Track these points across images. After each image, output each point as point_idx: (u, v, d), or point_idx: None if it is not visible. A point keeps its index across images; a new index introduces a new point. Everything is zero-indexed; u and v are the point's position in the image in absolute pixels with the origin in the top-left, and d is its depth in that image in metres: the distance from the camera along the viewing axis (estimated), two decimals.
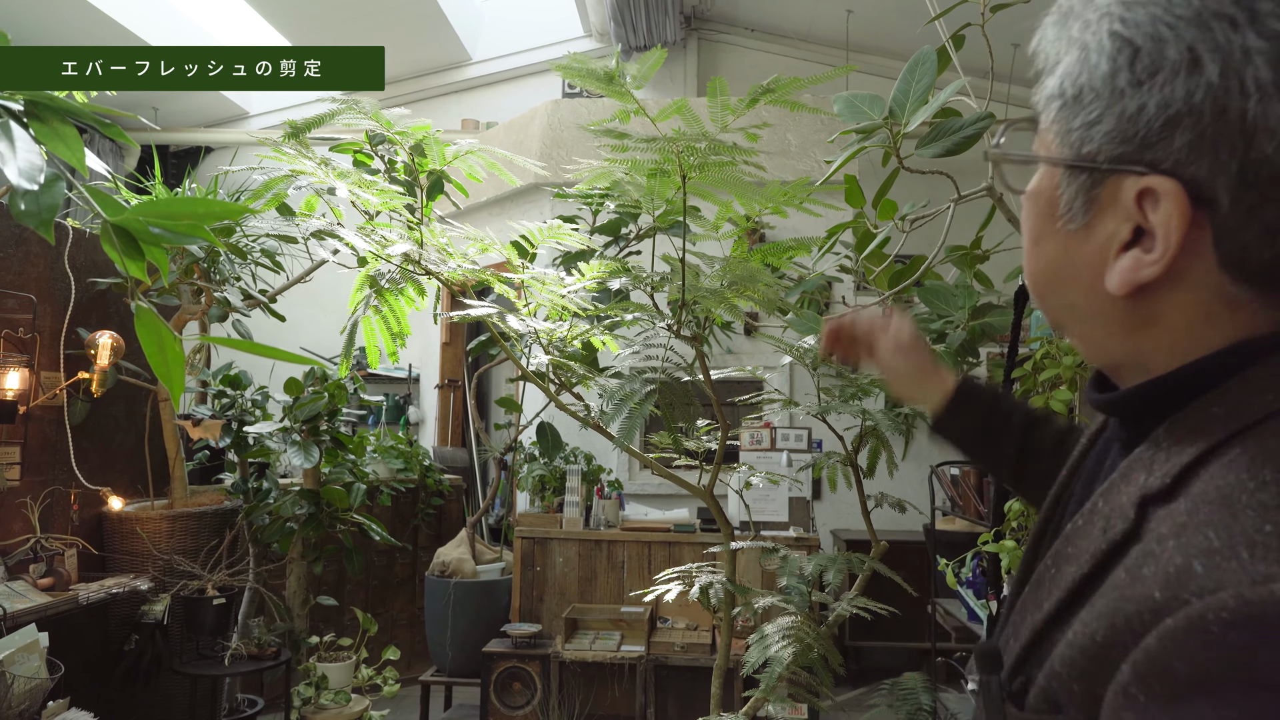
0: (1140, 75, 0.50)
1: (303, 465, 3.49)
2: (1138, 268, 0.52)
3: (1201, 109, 0.48)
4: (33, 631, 2.44)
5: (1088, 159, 0.53)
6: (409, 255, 1.88)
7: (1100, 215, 0.54)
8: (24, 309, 2.97)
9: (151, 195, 3.39)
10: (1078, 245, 0.56)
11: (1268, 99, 0.46)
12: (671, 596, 1.98)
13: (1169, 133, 0.49)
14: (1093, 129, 0.53)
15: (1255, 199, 0.48)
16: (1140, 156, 0.51)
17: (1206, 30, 0.47)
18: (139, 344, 0.87)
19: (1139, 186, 0.51)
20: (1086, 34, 0.53)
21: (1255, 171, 0.47)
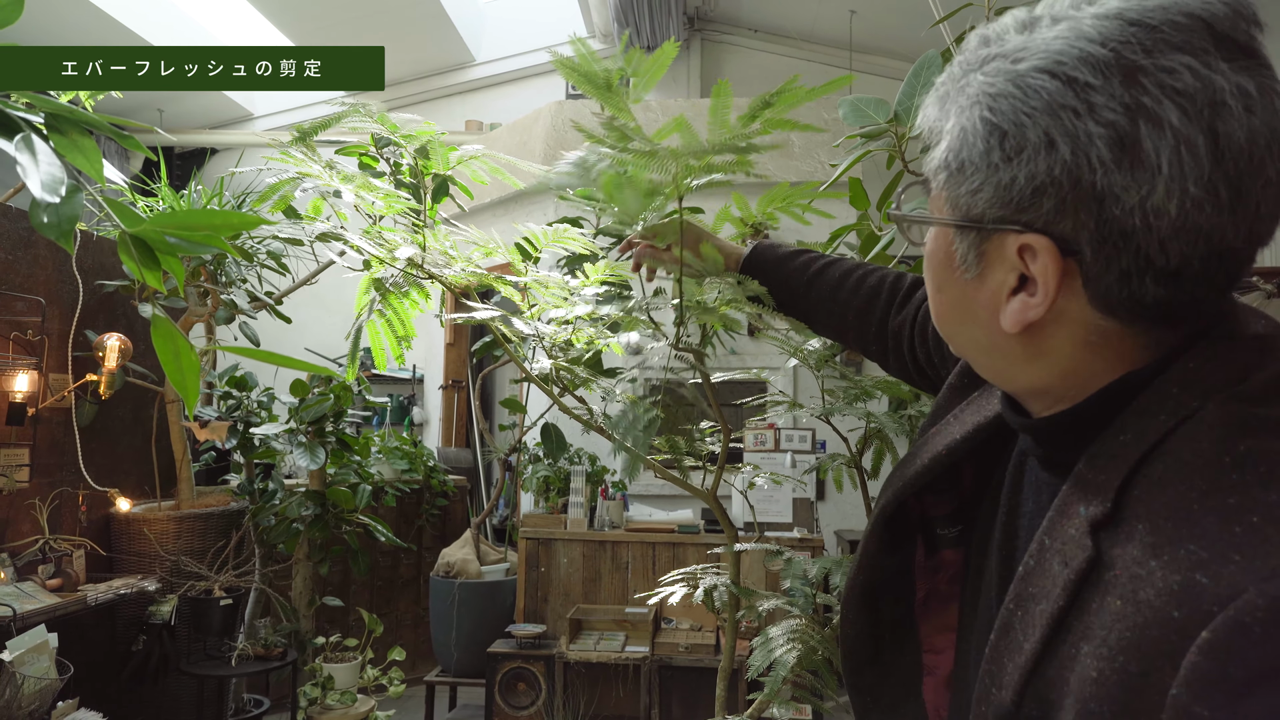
0: (1009, 152, 0.59)
1: (308, 466, 3.51)
2: (1025, 309, 0.62)
3: (1061, 180, 0.57)
4: (42, 632, 2.46)
5: (975, 220, 0.63)
6: (413, 259, 1.89)
7: (990, 266, 0.64)
8: (32, 311, 2.99)
9: (157, 198, 3.41)
10: (974, 291, 0.66)
11: (1110, 172, 0.56)
12: (676, 599, 1.99)
13: (1038, 199, 0.59)
14: (976, 195, 0.62)
15: (1111, 250, 0.58)
16: (1017, 218, 0.60)
17: (1057, 118, 0.57)
18: (146, 346, 0.88)
19: (1019, 242, 0.60)
20: (963, 118, 0.61)
21: (1108, 228, 0.57)
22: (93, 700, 2.69)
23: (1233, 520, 0.49)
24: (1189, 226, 0.56)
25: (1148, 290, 0.58)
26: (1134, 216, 0.56)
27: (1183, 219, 0.56)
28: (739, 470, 2.68)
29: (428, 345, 6.80)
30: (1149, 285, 0.58)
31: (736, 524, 3.85)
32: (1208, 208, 0.55)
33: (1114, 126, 0.55)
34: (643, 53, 1.36)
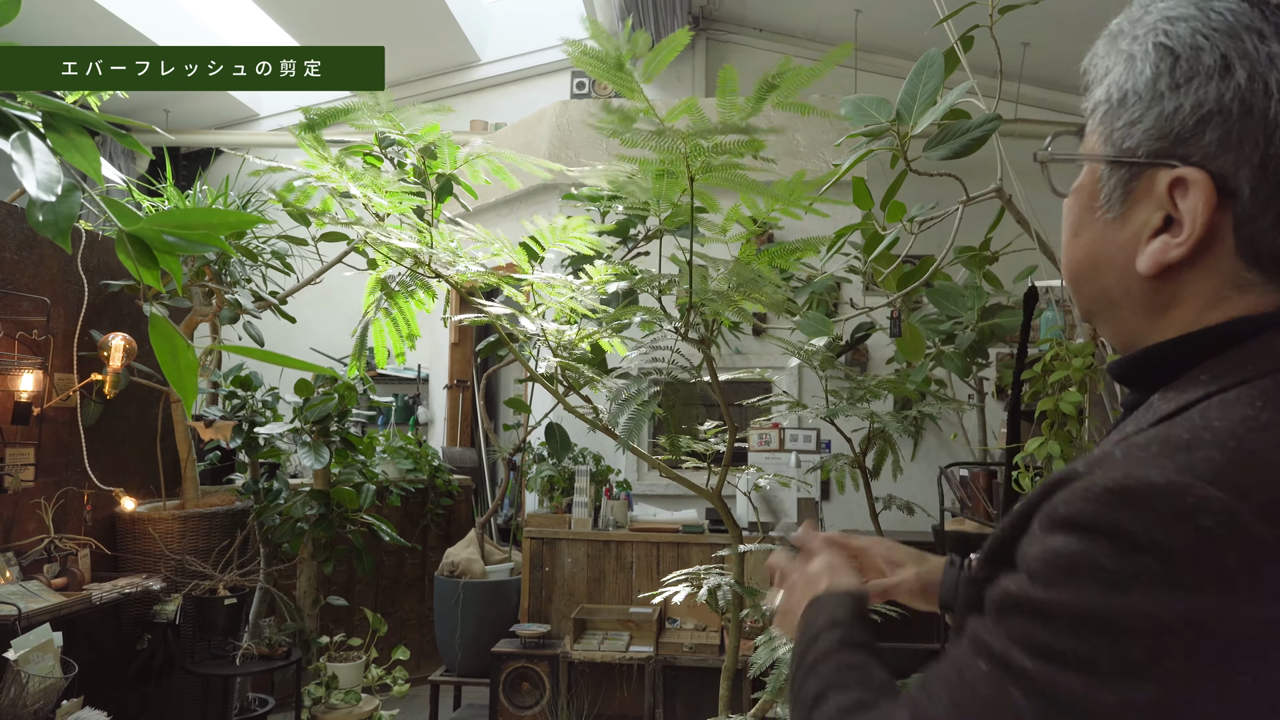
0: (1179, 79, 0.57)
1: (313, 466, 3.51)
2: (1166, 249, 0.59)
3: (1230, 108, 0.55)
4: (47, 631, 2.46)
5: (1128, 154, 0.61)
6: (419, 258, 1.90)
7: (1135, 205, 0.61)
8: (38, 311, 2.99)
9: (163, 198, 3.42)
10: (1114, 233, 0.63)
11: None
12: (680, 599, 1.99)
13: (1201, 129, 0.56)
14: (1134, 127, 0.60)
15: (1272, 190, 0.55)
16: (1174, 151, 0.58)
17: (1238, 40, 0.55)
18: (151, 346, 0.88)
19: (1171, 177, 0.58)
20: (1134, 46, 0.60)
21: (1274, 164, 0.55)
22: (98, 699, 2.70)
23: (1186, 435, 0.51)
24: None
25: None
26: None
27: None
28: (743, 471, 2.68)
29: (433, 345, 6.80)
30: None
31: (741, 524, 3.84)
32: None
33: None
34: (648, 37, 1.36)
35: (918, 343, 2.27)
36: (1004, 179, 2.05)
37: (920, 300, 2.80)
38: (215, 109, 7.55)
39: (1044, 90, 6.30)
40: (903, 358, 2.36)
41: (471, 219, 6.22)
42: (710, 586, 1.93)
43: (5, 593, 2.59)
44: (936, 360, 2.42)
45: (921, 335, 2.29)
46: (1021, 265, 2.73)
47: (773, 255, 1.71)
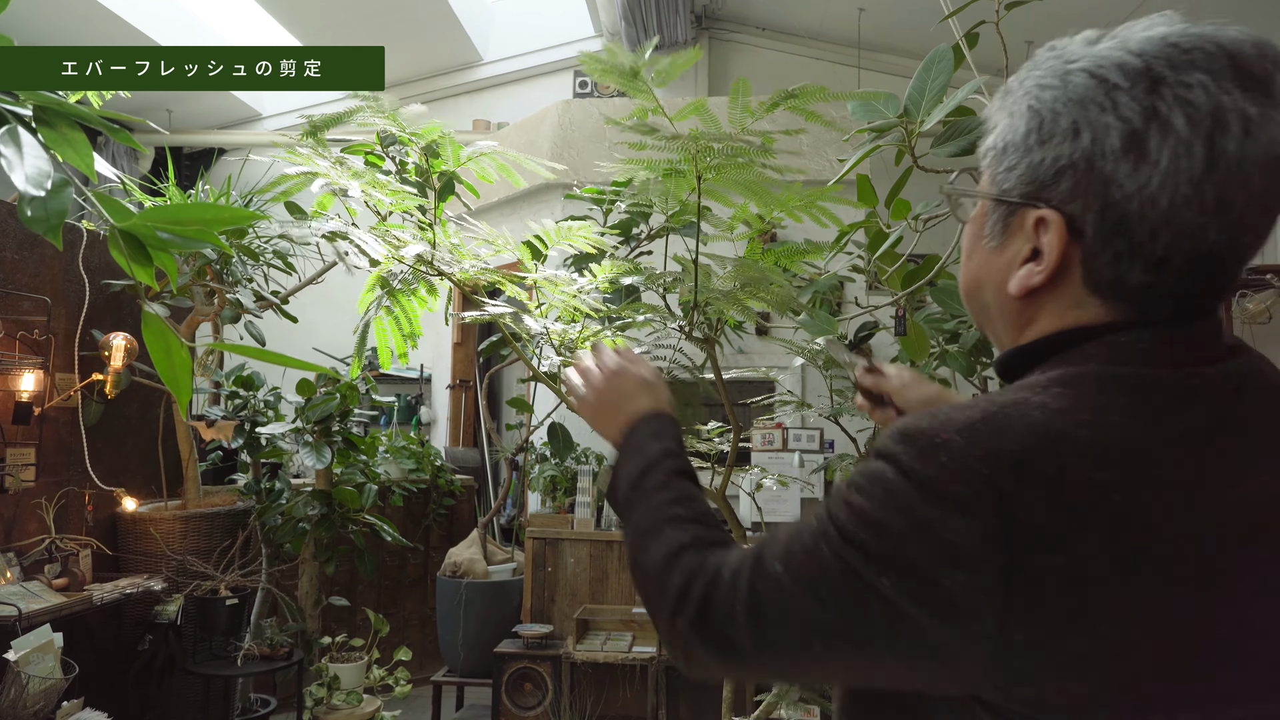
0: (1044, 137, 0.71)
1: (315, 466, 3.50)
2: (1030, 275, 0.73)
3: (1079, 163, 0.68)
4: (47, 632, 2.45)
5: (1006, 194, 0.74)
6: (422, 256, 1.88)
7: (1011, 237, 0.76)
8: (39, 311, 2.99)
9: (165, 197, 3.41)
10: (995, 259, 0.78)
11: (1118, 160, 0.66)
12: None
13: (1058, 179, 0.70)
14: (1011, 172, 0.74)
15: (1108, 233, 0.68)
16: (1039, 195, 0.72)
17: (1086, 110, 0.68)
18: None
19: (1036, 216, 0.72)
20: (1014, 106, 0.74)
21: (1109, 213, 0.68)
22: (99, 700, 2.69)
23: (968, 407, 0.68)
24: (1176, 221, 0.66)
25: (1134, 274, 0.68)
26: (1132, 203, 0.66)
27: (1172, 212, 0.65)
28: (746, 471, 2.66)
29: (435, 345, 6.79)
30: (1136, 270, 0.68)
31: (744, 524, 3.82)
32: (1194, 206, 0.65)
33: (1129, 123, 0.66)
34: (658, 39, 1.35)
35: (922, 342, 2.25)
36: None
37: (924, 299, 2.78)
38: (218, 109, 7.54)
39: None
40: (907, 357, 2.34)
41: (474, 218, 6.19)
42: None
43: (6, 593, 2.58)
44: (941, 359, 2.40)
45: (926, 334, 2.27)
46: None
47: (778, 256, 1.70)
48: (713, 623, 0.74)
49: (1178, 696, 0.63)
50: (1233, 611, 0.63)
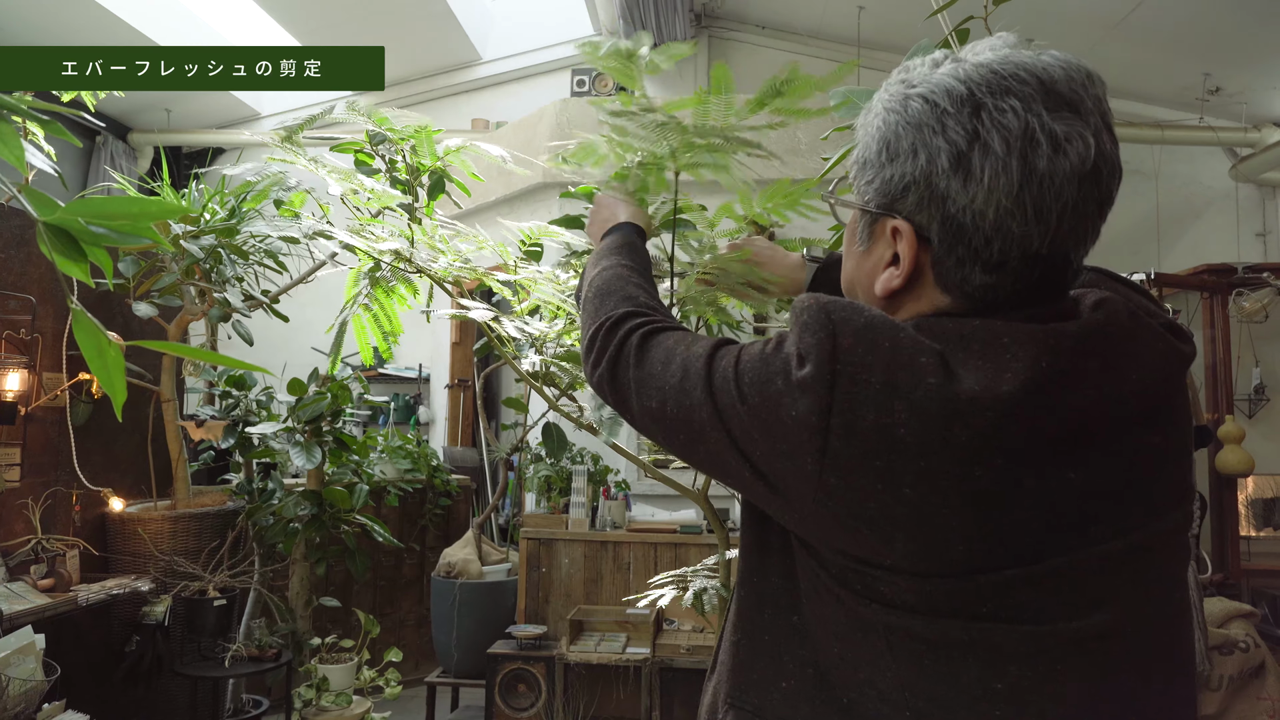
0: (890, 155, 0.78)
1: (305, 466, 3.48)
2: (890, 279, 0.81)
3: (919, 180, 0.76)
4: (29, 633, 2.43)
5: (866, 204, 0.83)
6: (399, 252, 1.86)
7: (875, 243, 0.84)
8: (24, 310, 2.97)
9: (159, 196, 3.39)
10: (863, 262, 0.86)
11: (950, 178, 0.74)
12: (665, 602, 1.95)
13: (905, 194, 0.78)
14: (869, 186, 0.82)
15: (950, 240, 0.76)
16: (892, 206, 0.79)
17: (920, 132, 0.76)
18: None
19: (891, 225, 0.80)
20: (869, 125, 0.82)
21: (949, 224, 0.75)
22: (87, 701, 2.67)
23: None
24: (1003, 230, 0.73)
25: (976, 276, 0.76)
26: (965, 216, 0.74)
27: (998, 223, 0.73)
28: None
29: (434, 344, 6.78)
30: (978, 272, 0.76)
31: (739, 524, 3.79)
32: (1017, 217, 0.73)
33: (955, 145, 0.74)
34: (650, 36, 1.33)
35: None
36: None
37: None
38: (217, 109, 7.54)
39: None
40: None
41: (471, 217, 6.19)
42: (696, 590, 1.89)
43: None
44: None
45: None
46: None
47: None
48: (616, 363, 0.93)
49: (979, 562, 0.71)
50: (1031, 490, 0.71)
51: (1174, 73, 6.03)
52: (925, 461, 0.69)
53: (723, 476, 0.84)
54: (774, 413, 0.74)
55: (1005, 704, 0.71)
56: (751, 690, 0.86)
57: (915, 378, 0.70)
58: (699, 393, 0.81)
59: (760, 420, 0.75)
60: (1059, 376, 0.71)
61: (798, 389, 0.72)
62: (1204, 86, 5.99)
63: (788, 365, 0.74)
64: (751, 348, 0.80)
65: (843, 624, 0.77)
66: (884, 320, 0.74)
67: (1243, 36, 5.45)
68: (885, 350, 0.71)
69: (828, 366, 0.71)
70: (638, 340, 0.91)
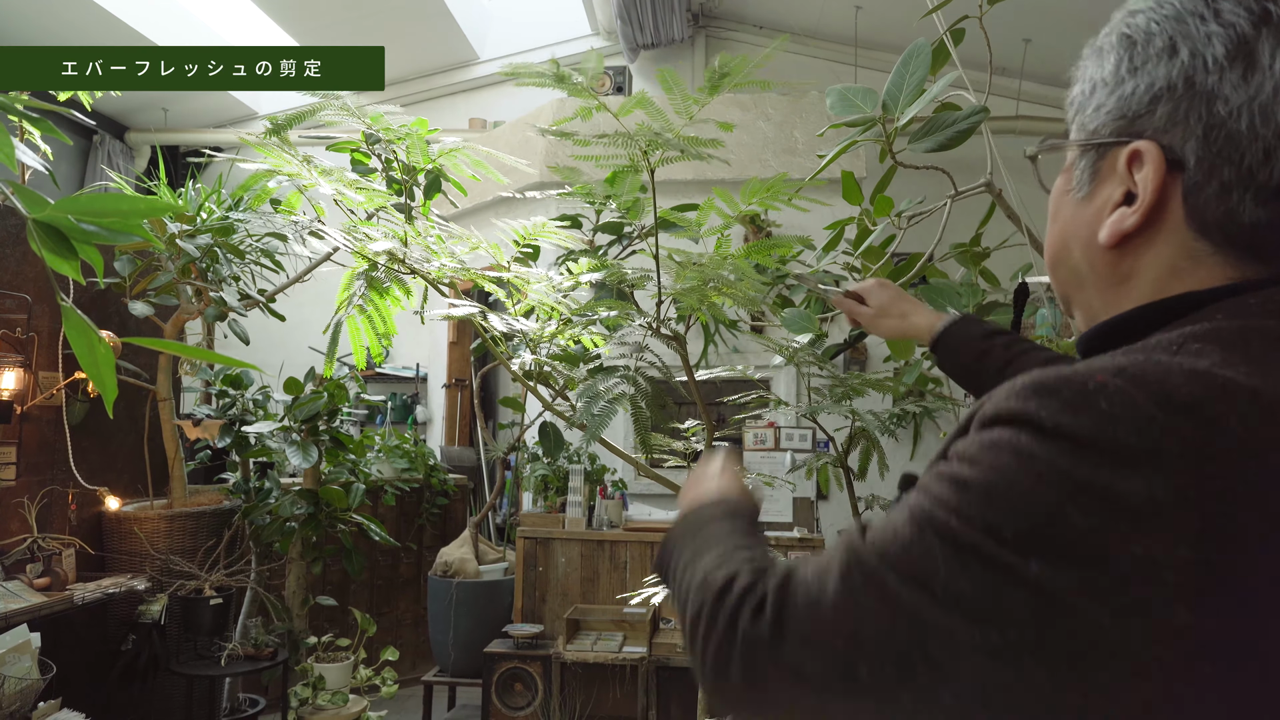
0: (1136, 63, 0.64)
1: (302, 465, 3.49)
2: (1123, 219, 0.64)
3: (1176, 84, 0.62)
4: (24, 632, 2.44)
5: (1095, 135, 0.68)
6: (393, 254, 1.86)
7: (1101, 184, 0.68)
8: (20, 309, 2.97)
9: (156, 195, 3.39)
10: (1083, 211, 0.70)
11: (1224, 72, 0.60)
12: (658, 600, 1.95)
13: (1154, 106, 0.63)
14: (1100, 111, 0.67)
15: (1214, 159, 0.60)
16: (1131, 128, 0.64)
17: (1183, 24, 0.62)
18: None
19: (1128, 151, 0.64)
20: (1104, 41, 0.68)
21: (1215, 134, 0.60)
22: (83, 700, 2.67)
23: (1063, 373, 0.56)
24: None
25: (1246, 209, 0.60)
26: (1241, 119, 0.59)
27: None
28: None
29: (431, 344, 6.78)
30: (1248, 203, 0.60)
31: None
32: None
33: (1234, 28, 0.60)
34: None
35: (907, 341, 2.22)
36: (994, 174, 2.00)
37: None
38: (214, 108, 7.54)
39: (1045, 87, 6.24)
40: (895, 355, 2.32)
41: (468, 217, 6.18)
42: None
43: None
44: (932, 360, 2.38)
45: None
46: (1019, 262, 2.69)
47: (751, 250, 1.68)
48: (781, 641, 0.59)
49: None
50: None
51: None
52: None
53: None
54: (1094, 562, 0.50)
55: None
56: None
57: None
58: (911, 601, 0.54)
59: None
60: None
61: (1130, 519, 0.49)
62: None
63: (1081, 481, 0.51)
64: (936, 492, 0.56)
65: None
66: (1198, 374, 0.52)
67: None
68: (1236, 425, 0.51)
69: (1179, 472, 0.49)
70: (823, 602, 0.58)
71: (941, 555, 0.53)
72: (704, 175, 5.25)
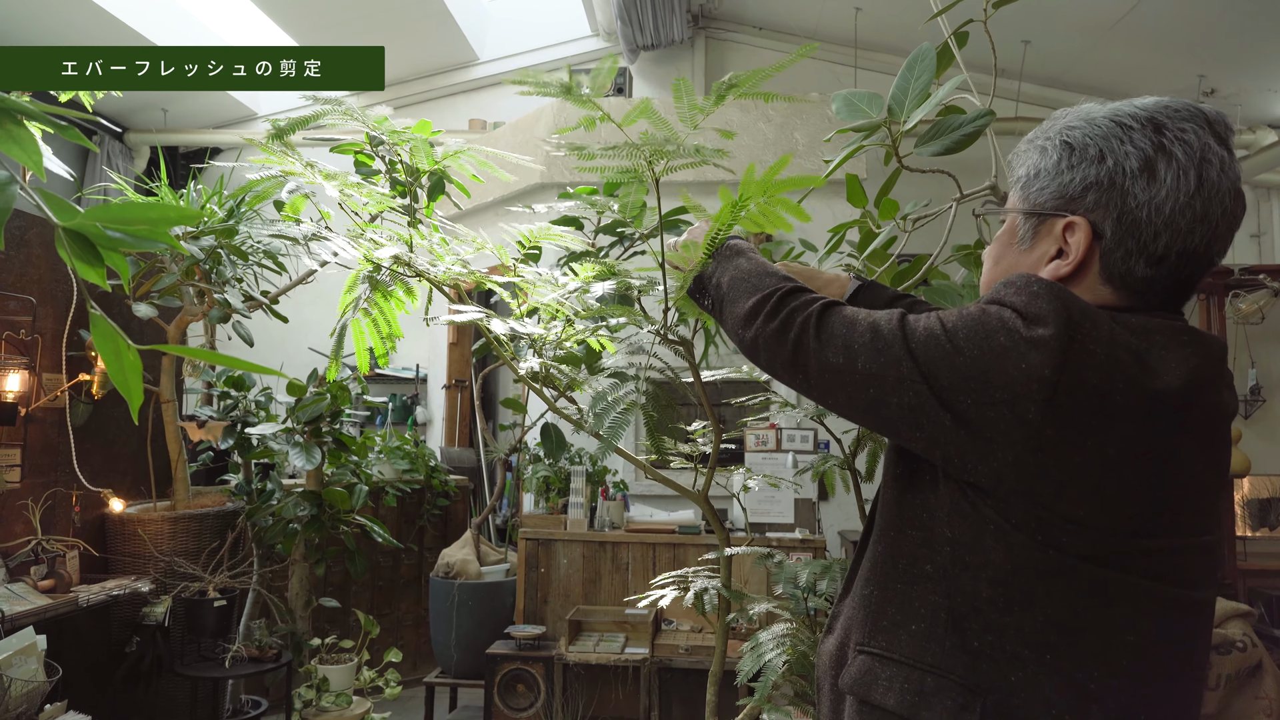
0: (1074, 162, 0.95)
1: (304, 467, 3.49)
2: (1059, 268, 0.96)
3: (1102, 181, 0.93)
4: (30, 634, 2.44)
5: (1039, 207, 0.98)
6: (399, 257, 1.86)
7: (1039, 241, 0.99)
8: (25, 311, 2.97)
9: (159, 197, 3.39)
10: (1024, 258, 1.01)
11: (1134, 179, 0.91)
12: (666, 602, 1.96)
13: (1085, 194, 0.94)
14: (1043, 191, 0.98)
15: (1123, 235, 0.92)
16: (1067, 206, 0.96)
17: (1109, 142, 0.93)
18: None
19: (1065, 223, 0.96)
20: (1046, 143, 0.99)
21: (1125, 219, 0.92)
22: (87, 701, 2.68)
23: None
24: (1173, 225, 0.90)
25: (1139, 268, 0.92)
26: (1143, 210, 0.91)
27: (1171, 219, 0.90)
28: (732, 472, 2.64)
29: (431, 345, 6.78)
30: (1141, 264, 0.92)
31: (738, 524, 3.81)
32: (1186, 215, 0.90)
33: (1143, 151, 0.91)
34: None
35: None
36: (999, 176, 2.01)
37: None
38: (213, 108, 7.53)
39: (1043, 88, 6.26)
40: None
41: (468, 218, 6.18)
42: (696, 590, 1.90)
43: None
44: None
45: None
46: None
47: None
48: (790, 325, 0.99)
49: (1146, 528, 0.86)
50: (1180, 473, 0.87)
51: (1169, 75, 6.05)
52: (1130, 427, 0.84)
53: (910, 429, 0.90)
54: (998, 364, 0.84)
55: (1133, 652, 0.86)
56: (881, 634, 0.97)
57: (1130, 355, 0.85)
58: (897, 349, 0.90)
59: (980, 370, 0.85)
60: (1215, 379, 0.90)
61: (1029, 344, 0.83)
62: (1199, 89, 6.02)
63: (1014, 324, 0.85)
64: (948, 312, 0.91)
65: (1003, 568, 0.87)
66: (1095, 308, 0.87)
67: (1237, 39, 5.48)
68: (1105, 329, 0.85)
69: (1064, 330, 0.83)
70: (818, 309, 0.99)
71: (931, 334, 0.89)
72: (704, 177, 5.26)
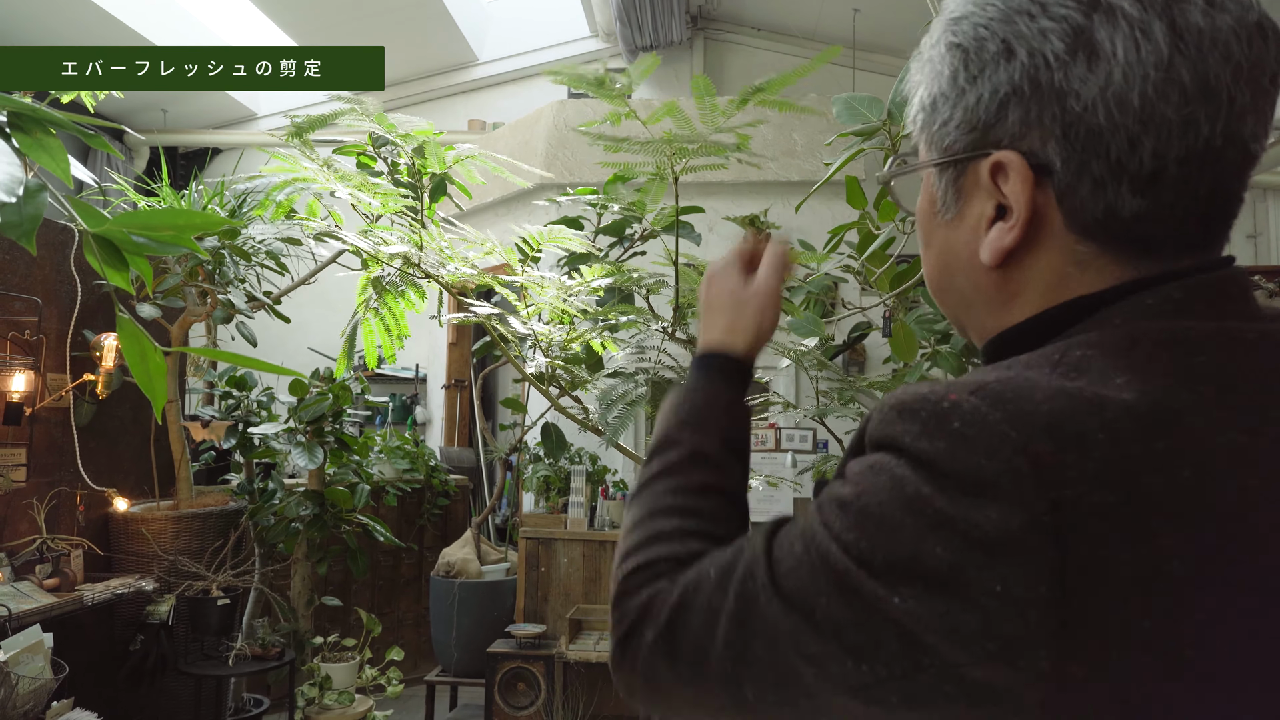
0: (973, 71, 0.59)
1: (307, 466, 3.51)
2: (1002, 236, 0.59)
3: (1022, 86, 0.57)
4: (37, 632, 2.46)
5: (949, 152, 0.62)
6: (408, 258, 1.88)
7: (968, 201, 0.62)
8: (30, 311, 2.99)
9: (159, 198, 3.41)
10: (955, 232, 0.64)
11: (1066, 66, 0.55)
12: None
13: (1003, 113, 0.58)
14: (947, 126, 0.61)
15: (1080, 157, 0.56)
16: (986, 139, 0.59)
17: (1012, 24, 0.57)
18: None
19: (989, 164, 0.59)
20: (932, 52, 0.63)
21: (1074, 131, 0.55)
22: (90, 700, 2.69)
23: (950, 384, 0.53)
24: (1156, 118, 0.53)
25: (1125, 201, 0.55)
26: (1097, 112, 0.54)
27: (1148, 109, 0.53)
28: None
29: (430, 345, 6.80)
30: (1125, 194, 0.55)
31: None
32: (1173, 96, 0.53)
33: (1067, 20, 0.55)
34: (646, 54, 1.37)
35: (910, 342, 2.25)
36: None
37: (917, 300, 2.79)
38: (213, 109, 7.54)
39: None
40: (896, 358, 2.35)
41: (468, 219, 6.20)
42: None
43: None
44: (932, 360, 2.41)
45: (914, 335, 2.28)
46: None
47: None
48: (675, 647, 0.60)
49: None
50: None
51: None
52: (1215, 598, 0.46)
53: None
54: (955, 598, 0.47)
55: None
56: None
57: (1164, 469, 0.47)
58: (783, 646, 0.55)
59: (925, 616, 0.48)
60: None
61: (984, 551, 0.47)
62: None
63: (930, 507, 0.49)
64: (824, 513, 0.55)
65: None
66: (1065, 391, 0.50)
67: None
68: (1102, 443, 0.47)
69: (1034, 498, 0.46)
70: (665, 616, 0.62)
71: (823, 581, 0.53)
72: (703, 178, 5.28)
